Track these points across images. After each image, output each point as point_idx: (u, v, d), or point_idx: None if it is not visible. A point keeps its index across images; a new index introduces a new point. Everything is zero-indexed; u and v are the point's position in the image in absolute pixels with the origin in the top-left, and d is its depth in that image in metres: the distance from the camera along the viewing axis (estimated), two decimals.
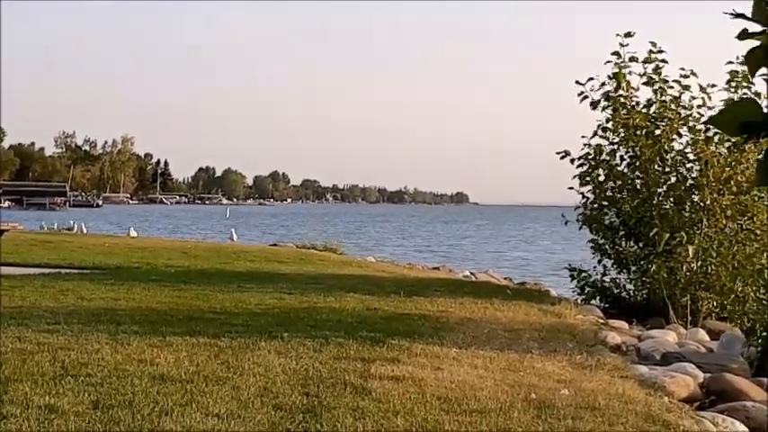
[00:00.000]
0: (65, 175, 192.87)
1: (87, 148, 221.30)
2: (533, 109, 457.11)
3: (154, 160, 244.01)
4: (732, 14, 2.49)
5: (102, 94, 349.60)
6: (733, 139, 14.85)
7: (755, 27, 2.49)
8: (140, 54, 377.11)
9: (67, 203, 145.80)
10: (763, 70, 2.50)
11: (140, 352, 8.45)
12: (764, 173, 2.47)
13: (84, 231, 41.00)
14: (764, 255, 15.80)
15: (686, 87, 17.05)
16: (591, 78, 17.40)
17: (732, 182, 16.23)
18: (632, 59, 17.28)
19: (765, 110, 2.46)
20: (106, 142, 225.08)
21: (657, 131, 17.08)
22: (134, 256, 21.67)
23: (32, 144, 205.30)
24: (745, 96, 16.30)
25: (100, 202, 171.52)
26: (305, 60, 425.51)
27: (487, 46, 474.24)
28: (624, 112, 17.31)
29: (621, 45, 17.20)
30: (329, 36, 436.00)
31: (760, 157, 2.54)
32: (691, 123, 16.98)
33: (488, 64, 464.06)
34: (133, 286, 14.30)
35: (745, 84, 16.19)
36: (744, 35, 2.50)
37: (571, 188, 17.97)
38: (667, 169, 17.20)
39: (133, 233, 39.93)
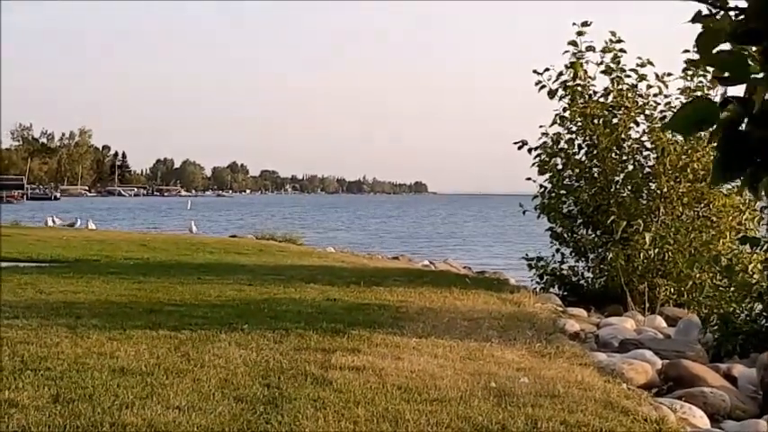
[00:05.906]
0: (22, 167, 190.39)
1: (44, 140, 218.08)
2: (490, 97, 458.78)
3: (112, 152, 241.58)
4: None
5: (59, 87, 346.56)
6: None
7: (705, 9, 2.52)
8: (97, 45, 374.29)
9: (25, 196, 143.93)
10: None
11: (100, 345, 8.42)
12: (719, 172, 2.51)
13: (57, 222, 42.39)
14: (720, 241, 15.96)
15: (643, 76, 17.16)
16: (547, 69, 17.48)
17: (688, 169, 16.37)
18: (589, 49, 17.37)
19: (717, 100, 2.48)
20: (63, 134, 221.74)
21: (615, 120, 17.20)
22: (93, 249, 21.55)
23: None
24: (699, 85, 16.47)
25: (58, 195, 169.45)
26: (261, 49, 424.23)
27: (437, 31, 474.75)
28: (582, 101, 17.39)
29: (579, 34, 17.26)
30: (291, 24, 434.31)
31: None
32: (647, 112, 17.11)
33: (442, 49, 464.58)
34: (92, 279, 14.24)
35: (701, 72, 16.25)
36: (697, 18, 2.53)
37: (529, 178, 18.05)
38: (624, 157, 17.33)
39: (92, 225, 39.66)
